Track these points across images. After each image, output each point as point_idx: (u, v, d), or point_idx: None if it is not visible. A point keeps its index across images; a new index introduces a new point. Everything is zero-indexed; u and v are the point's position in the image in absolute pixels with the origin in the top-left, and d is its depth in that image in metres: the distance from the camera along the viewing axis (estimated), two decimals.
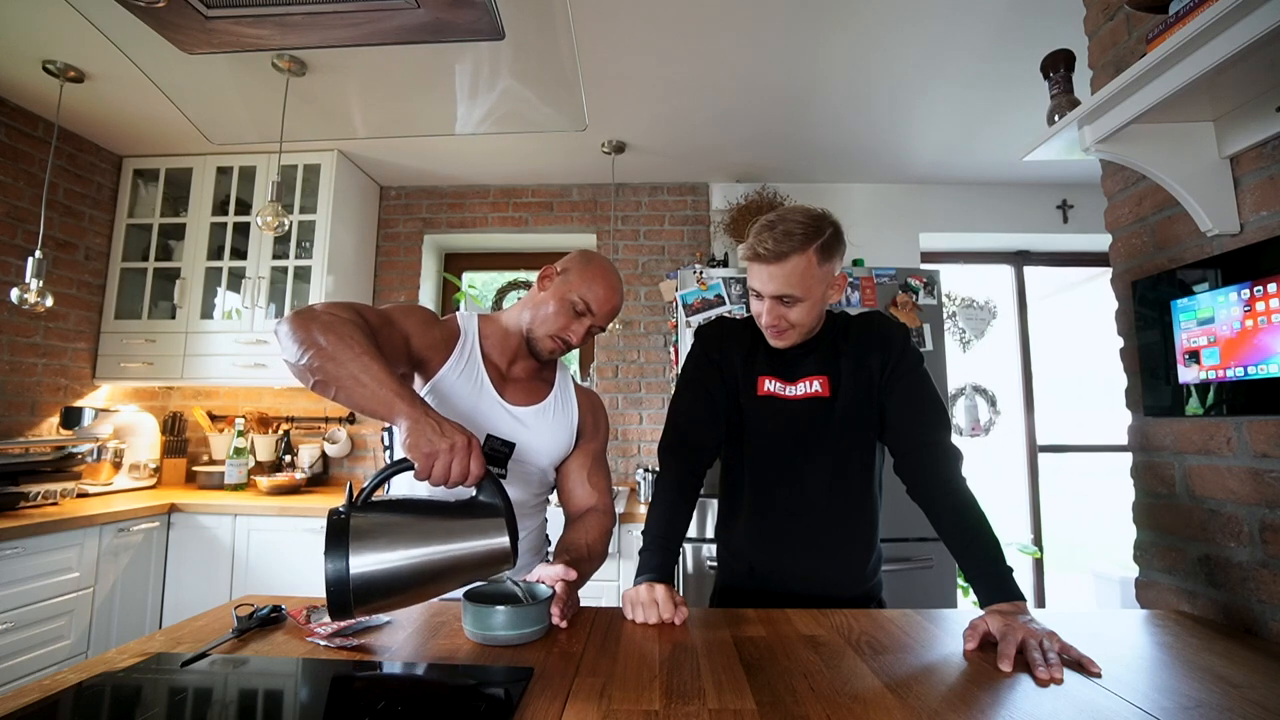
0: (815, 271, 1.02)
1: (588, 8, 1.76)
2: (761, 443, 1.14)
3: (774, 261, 1.01)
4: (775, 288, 1.02)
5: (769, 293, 1.03)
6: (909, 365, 1.11)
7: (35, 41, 1.94)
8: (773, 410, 1.13)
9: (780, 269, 1.01)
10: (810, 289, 1.03)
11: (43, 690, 0.71)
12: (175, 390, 2.99)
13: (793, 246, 1.00)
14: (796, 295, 1.02)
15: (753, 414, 1.15)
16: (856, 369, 1.12)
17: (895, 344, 1.12)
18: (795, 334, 1.08)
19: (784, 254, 1.00)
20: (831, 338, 1.15)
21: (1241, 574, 1.02)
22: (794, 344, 1.11)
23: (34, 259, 2.00)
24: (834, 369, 1.13)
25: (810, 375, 1.13)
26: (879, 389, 1.12)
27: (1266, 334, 0.95)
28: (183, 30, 1.83)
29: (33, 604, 1.81)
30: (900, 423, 1.09)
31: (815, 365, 1.13)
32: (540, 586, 0.96)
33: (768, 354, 1.16)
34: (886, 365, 1.11)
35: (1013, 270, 3.21)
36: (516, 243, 3.20)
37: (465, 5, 1.72)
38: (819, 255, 1.02)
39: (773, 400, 1.13)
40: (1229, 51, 0.83)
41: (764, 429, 1.14)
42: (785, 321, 1.06)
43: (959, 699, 0.72)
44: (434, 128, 2.48)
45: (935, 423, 1.08)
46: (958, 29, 1.85)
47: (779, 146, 2.64)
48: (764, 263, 1.02)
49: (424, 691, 0.77)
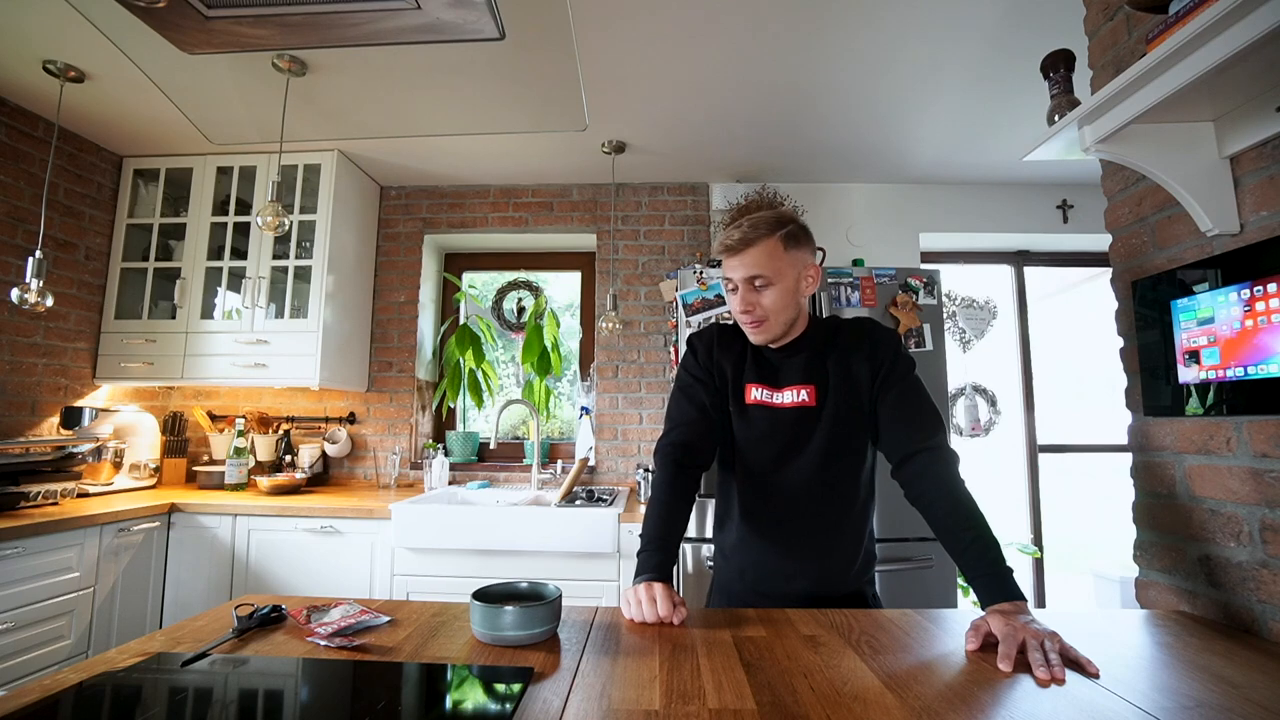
0: (782, 255, 1.07)
1: (588, 8, 1.76)
2: (750, 449, 1.16)
3: (741, 249, 1.08)
4: (744, 271, 1.08)
5: (740, 277, 1.08)
6: (900, 373, 1.12)
7: (35, 41, 1.94)
8: (760, 418, 1.15)
9: (748, 253, 1.07)
10: (779, 271, 1.07)
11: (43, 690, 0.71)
12: (175, 390, 2.99)
13: (758, 234, 1.07)
14: (766, 276, 1.07)
15: (741, 421, 1.17)
16: (844, 376, 1.13)
17: (884, 350, 1.12)
18: (772, 324, 1.10)
19: (750, 240, 1.07)
20: (819, 342, 1.16)
21: (1241, 574, 1.02)
22: (774, 337, 1.12)
23: (34, 259, 2.00)
24: (821, 376, 1.14)
25: (797, 384, 1.14)
26: (869, 397, 1.13)
27: (1266, 334, 0.95)
28: (183, 30, 1.84)
29: (33, 604, 1.80)
30: (894, 431, 1.10)
31: (801, 373, 1.14)
32: (548, 586, 0.97)
33: (755, 361, 1.18)
34: (877, 373, 1.12)
35: (1013, 270, 3.21)
36: (516, 243, 3.20)
37: (465, 5, 1.72)
38: (784, 241, 1.08)
39: (760, 408, 1.15)
40: (1229, 51, 0.83)
41: (752, 436, 1.16)
42: (759, 308, 1.09)
43: (959, 699, 0.72)
44: (434, 128, 2.48)
45: (929, 427, 1.08)
46: (958, 29, 1.85)
47: (779, 146, 2.64)
48: (733, 252, 1.09)
49: (424, 691, 0.77)
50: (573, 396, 3.18)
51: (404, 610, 1.03)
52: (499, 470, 2.89)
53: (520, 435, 3.15)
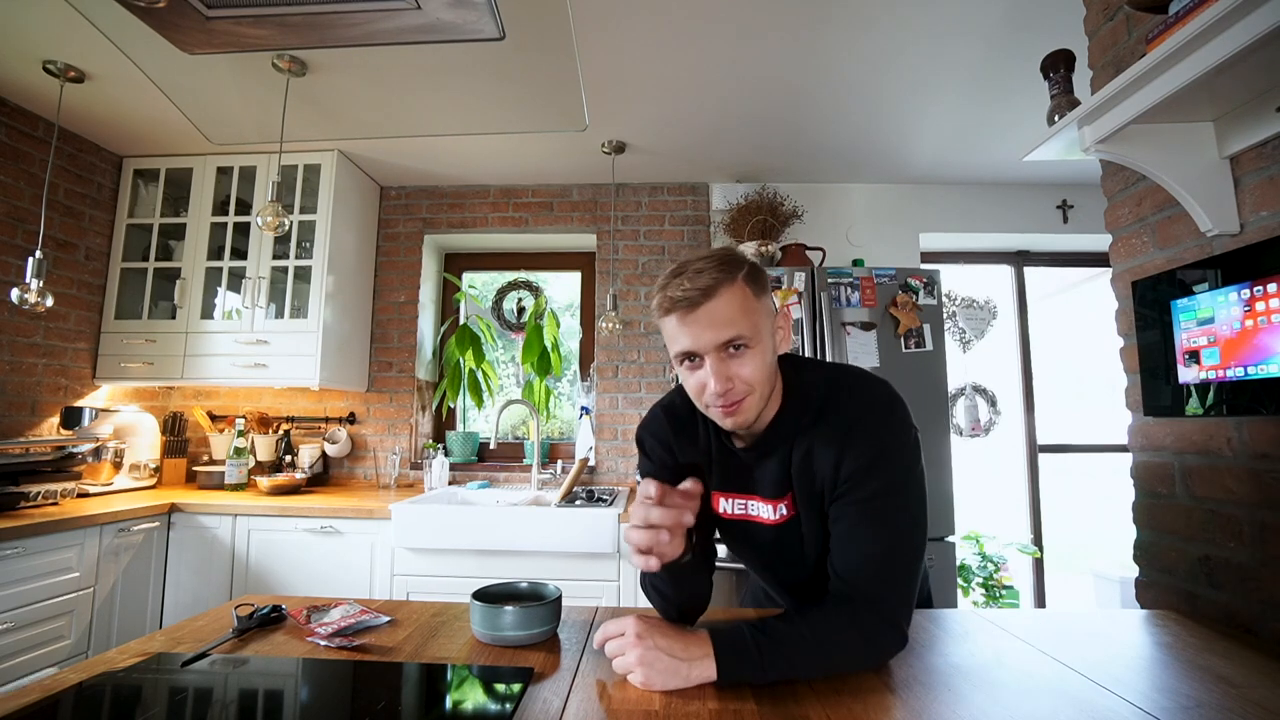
0: (755, 305, 0.80)
1: (588, 8, 1.76)
2: (734, 550, 1.00)
3: (703, 301, 0.77)
4: (716, 334, 0.77)
5: (709, 344, 0.78)
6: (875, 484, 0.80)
7: (35, 41, 1.94)
8: (736, 531, 0.95)
9: (715, 307, 0.77)
10: (757, 326, 0.79)
11: (43, 690, 0.71)
12: (175, 390, 2.98)
13: (718, 279, 0.77)
14: (744, 336, 0.78)
15: (718, 528, 0.98)
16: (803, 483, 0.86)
17: (857, 442, 0.81)
18: (755, 402, 0.81)
19: (712, 288, 0.77)
20: (792, 433, 0.86)
21: (1241, 574, 1.02)
22: (752, 419, 0.83)
23: (34, 259, 2.00)
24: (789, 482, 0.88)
25: (774, 498, 0.89)
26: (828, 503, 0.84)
27: (1266, 334, 0.95)
28: (183, 30, 1.84)
29: (33, 604, 1.80)
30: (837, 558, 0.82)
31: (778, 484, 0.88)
32: (548, 586, 0.97)
33: (722, 459, 0.93)
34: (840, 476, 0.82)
35: (1013, 270, 3.21)
36: (516, 243, 3.20)
37: (465, 5, 1.72)
38: (751, 285, 0.80)
39: (735, 524, 0.95)
40: (1229, 52, 0.83)
41: (732, 543, 0.99)
42: (740, 384, 0.79)
43: (958, 699, 0.72)
44: (434, 128, 2.48)
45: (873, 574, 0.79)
46: (959, 29, 1.85)
47: (779, 146, 2.64)
48: (691, 309, 0.77)
49: (424, 691, 0.77)
50: (573, 396, 3.18)
51: (404, 610, 1.03)
52: (499, 470, 2.89)
53: (520, 435, 3.15)
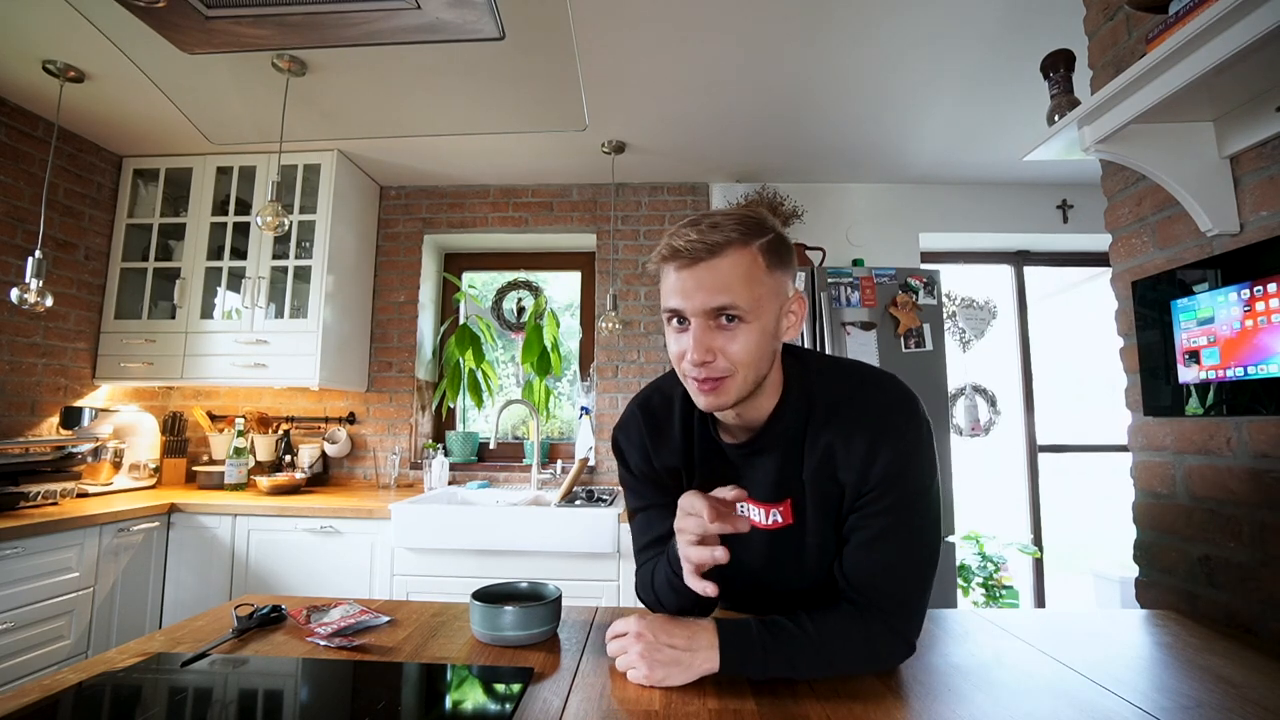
0: (763, 277, 0.71)
1: (588, 8, 1.76)
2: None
3: (705, 257, 0.69)
4: (706, 297, 0.69)
5: (697, 307, 0.70)
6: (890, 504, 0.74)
7: (35, 41, 1.94)
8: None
9: (716, 266, 0.69)
10: (758, 302, 0.70)
11: (43, 690, 0.71)
12: (175, 390, 2.98)
13: (728, 238, 0.69)
14: (739, 308, 0.69)
15: None
16: (822, 496, 0.79)
17: (888, 443, 0.74)
18: (737, 384, 0.72)
19: (720, 245, 0.69)
20: (797, 429, 0.79)
21: (1241, 574, 1.02)
22: (732, 403, 0.74)
23: (34, 259, 2.00)
24: (798, 483, 0.80)
25: (768, 502, 0.81)
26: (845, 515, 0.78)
27: (1266, 334, 0.95)
28: (183, 30, 1.84)
29: (33, 604, 1.80)
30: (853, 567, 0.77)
31: (773, 487, 0.80)
32: (548, 586, 0.96)
33: (706, 459, 0.85)
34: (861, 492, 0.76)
35: (1013, 270, 3.21)
36: (516, 243, 3.20)
37: (465, 5, 1.72)
38: (766, 256, 0.71)
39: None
40: (1229, 51, 0.83)
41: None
42: (724, 360, 0.71)
43: (959, 699, 0.72)
44: (434, 128, 2.48)
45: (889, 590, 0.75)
46: (958, 29, 1.85)
47: (779, 146, 2.64)
48: (690, 263, 0.70)
49: (424, 691, 0.77)
50: (573, 396, 3.18)
51: (404, 610, 1.03)
52: (499, 470, 2.89)
53: (520, 435, 3.15)
